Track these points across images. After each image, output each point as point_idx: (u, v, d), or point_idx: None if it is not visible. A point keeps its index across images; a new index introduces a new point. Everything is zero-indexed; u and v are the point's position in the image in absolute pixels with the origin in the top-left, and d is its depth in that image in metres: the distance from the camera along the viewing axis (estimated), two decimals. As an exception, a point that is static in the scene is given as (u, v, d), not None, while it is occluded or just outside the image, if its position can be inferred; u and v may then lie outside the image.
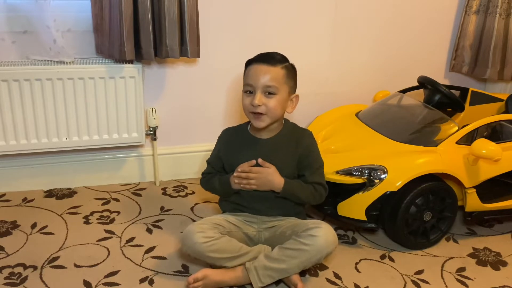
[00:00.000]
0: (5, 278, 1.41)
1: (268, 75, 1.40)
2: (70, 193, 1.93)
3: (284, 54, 1.48)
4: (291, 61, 1.48)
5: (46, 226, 1.68)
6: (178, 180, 2.09)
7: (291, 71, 1.46)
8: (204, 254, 1.37)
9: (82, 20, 1.77)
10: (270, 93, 1.41)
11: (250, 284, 1.40)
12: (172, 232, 1.69)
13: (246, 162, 1.46)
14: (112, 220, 1.75)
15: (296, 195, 1.47)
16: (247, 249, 1.44)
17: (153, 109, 1.91)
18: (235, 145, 1.54)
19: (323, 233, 1.37)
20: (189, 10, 1.71)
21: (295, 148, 1.48)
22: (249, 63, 1.47)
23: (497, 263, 1.61)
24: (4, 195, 1.88)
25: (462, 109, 2.02)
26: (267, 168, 1.45)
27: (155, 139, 1.96)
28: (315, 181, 1.49)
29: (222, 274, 1.39)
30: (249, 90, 1.43)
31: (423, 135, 1.75)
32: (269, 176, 1.44)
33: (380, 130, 1.77)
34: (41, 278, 1.42)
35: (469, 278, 1.52)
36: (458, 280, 1.51)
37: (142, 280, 1.43)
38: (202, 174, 1.61)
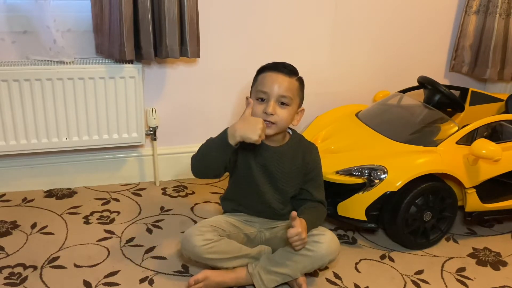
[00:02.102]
0: (5, 278, 1.41)
1: (284, 85, 1.38)
2: (70, 193, 1.93)
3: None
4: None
5: (46, 226, 1.68)
6: (178, 180, 2.09)
7: (302, 84, 1.45)
8: (204, 256, 1.37)
9: (82, 20, 1.77)
10: (283, 104, 1.39)
11: (251, 285, 1.40)
12: (172, 232, 1.69)
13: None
14: (112, 220, 1.75)
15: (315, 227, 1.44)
16: (247, 250, 1.44)
17: (153, 109, 1.91)
18: (247, 143, 1.50)
19: (327, 240, 1.38)
20: (189, 10, 1.71)
21: (302, 160, 1.47)
22: (262, 70, 1.43)
23: (497, 263, 1.61)
24: (4, 195, 1.88)
25: (462, 109, 2.02)
26: (301, 227, 1.33)
27: (155, 139, 1.96)
28: (321, 200, 1.49)
29: (223, 275, 1.39)
30: (261, 97, 1.39)
31: (423, 135, 1.75)
32: (305, 232, 1.35)
33: (380, 130, 1.77)
34: (41, 278, 1.42)
35: (469, 278, 1.52)
36: (458, 280, 1.51)
37: (142, 280, 1.43)
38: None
